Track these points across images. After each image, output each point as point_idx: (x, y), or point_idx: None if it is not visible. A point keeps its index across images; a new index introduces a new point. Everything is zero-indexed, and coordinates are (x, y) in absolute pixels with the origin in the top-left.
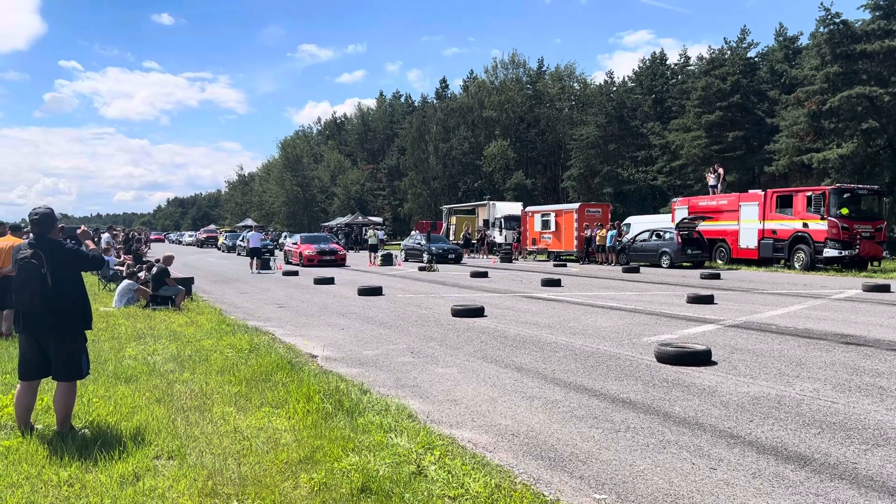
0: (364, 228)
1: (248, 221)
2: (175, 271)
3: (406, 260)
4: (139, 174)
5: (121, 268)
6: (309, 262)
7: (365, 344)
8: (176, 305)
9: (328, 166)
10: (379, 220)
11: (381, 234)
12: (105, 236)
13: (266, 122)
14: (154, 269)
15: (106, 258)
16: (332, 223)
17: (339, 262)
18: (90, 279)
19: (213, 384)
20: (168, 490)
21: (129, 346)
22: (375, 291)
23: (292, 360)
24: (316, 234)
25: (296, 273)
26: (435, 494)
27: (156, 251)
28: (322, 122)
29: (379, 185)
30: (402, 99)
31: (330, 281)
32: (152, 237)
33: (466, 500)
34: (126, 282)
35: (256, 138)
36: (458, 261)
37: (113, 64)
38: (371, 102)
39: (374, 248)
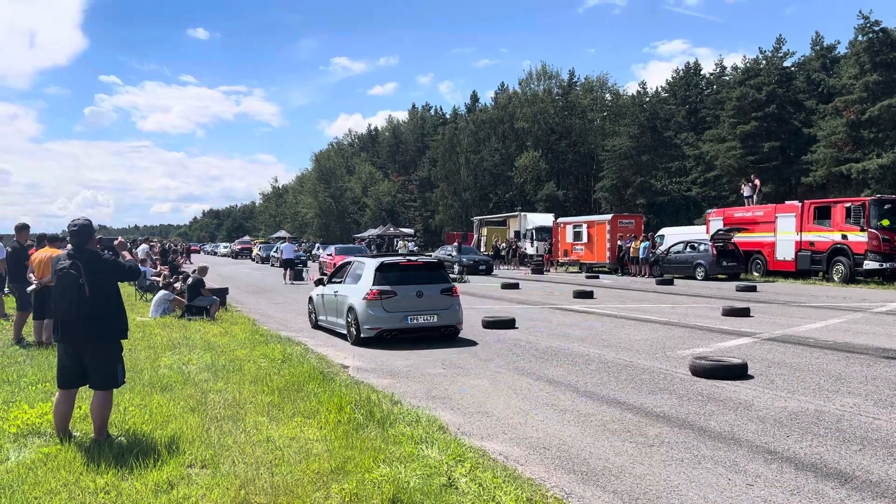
0: (395, 240)
1: (282, 233)
2: (210, 282)
3: None
4: (175, 186)
5: (157, 278)
6: None
7: (395, 355)
8: (210, 316)
9: (360, 178)
10: (410, 231)
11: (411, 245)
12: (142, 247)
13: (300, 134)
14: (189, 280)
15: (143, 269)
16: (365, 234)
17: None
18: (127, 289)
19: (247, 394)
20: (201, 499)
21: (164, 356)
22: None
23: (324, 370)
24: (351, 245)
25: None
26: None
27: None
28: (353, 134)
29: (410, 196)
30: (433, 111)
31: None
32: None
33: None
34: (162, 292)
35: (290, 150)
36: (488, 272)
37: (150, 78)
38: (403, 114)
39: None
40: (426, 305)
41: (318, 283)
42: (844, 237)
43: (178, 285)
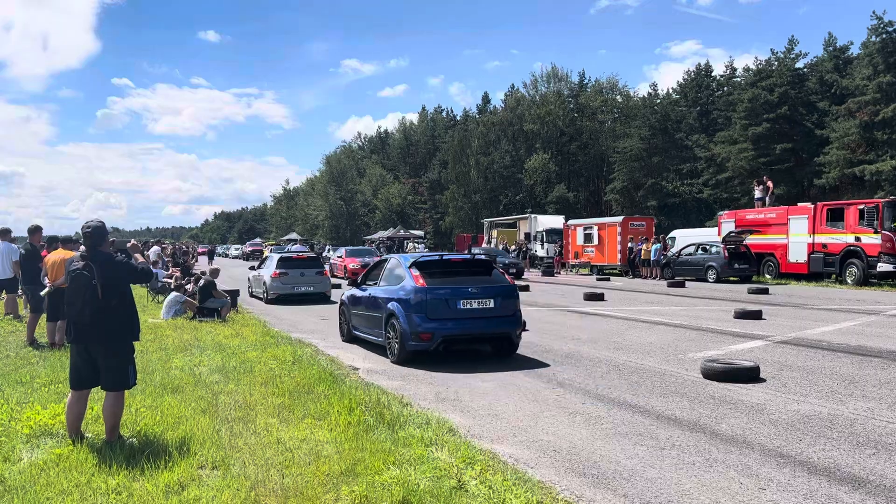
0: (405, 242)
1: (293, 235)
2: (221, 284)
3: None
4: (187, 188)
5: (169, 280)
6: (353, 275)
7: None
8: (222, 317)
9: (370, 181)
10: (420, 233)
11: (421, 247)
12: (154, 249)
13: (310, 136)
14: (201, 282)
15: (154, 271)
16: (375, 236)
17: None
18: (139, 291)
19: (257, 395)
20: (212, 500)
21: (175, 357)
22: None
23: (334, 372)
24: (361, 247)
25: (338, 286)
26: None
27: (202, 264)
28: (363, 137)
29: (420, 198)
30: (444, 113)
31: None
32: (199, 250)
33: None
34: (174, 294)
35: (301, 153)
36: (518, 276)
37: (162, 81)
38: (413, 117)
39: None
40: (307, 281)
41: (252, 269)
42: (858, 239)
43: (189, 287)
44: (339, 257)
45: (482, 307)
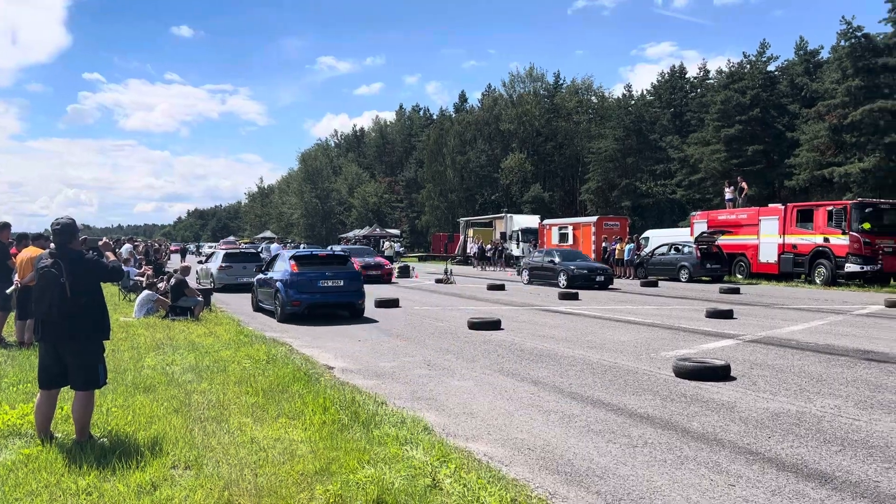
0: (381, 240)
1: (267, 233)
2: (194, 282)
3: (530, 282)
4: (160, 185)
5: (141, 278)
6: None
7: (381, 356)
8: (195, 316)
9: (346, 179)
10: (397, 232)
11: (397, 246)
12: (126, 247)
13: (285, 134)
14: (173, 280)
15: (126, 269)
16: (350, 235)
17: (385, 279)
18: (110, 289)
19: (231, 395)
20: (184, 500)
21: (148, 357)
22: (392, 303)
23: (309, 371)
24: (360, 247)
25: None
26: None
27: (175, 262)
28: (339, 135)
29: (396, 197)
30: (421, 112)
31: None
32: (172, 248)
33: None
34: (146, 292)
35: (276, 150)
36: (605, 285)
37: (134, 76)
38: (390, 115)
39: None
40: (248, 273)
41: (199, 262)
42: (826, 240)
43: (162, 285)
44: None
45: (335, 285)
